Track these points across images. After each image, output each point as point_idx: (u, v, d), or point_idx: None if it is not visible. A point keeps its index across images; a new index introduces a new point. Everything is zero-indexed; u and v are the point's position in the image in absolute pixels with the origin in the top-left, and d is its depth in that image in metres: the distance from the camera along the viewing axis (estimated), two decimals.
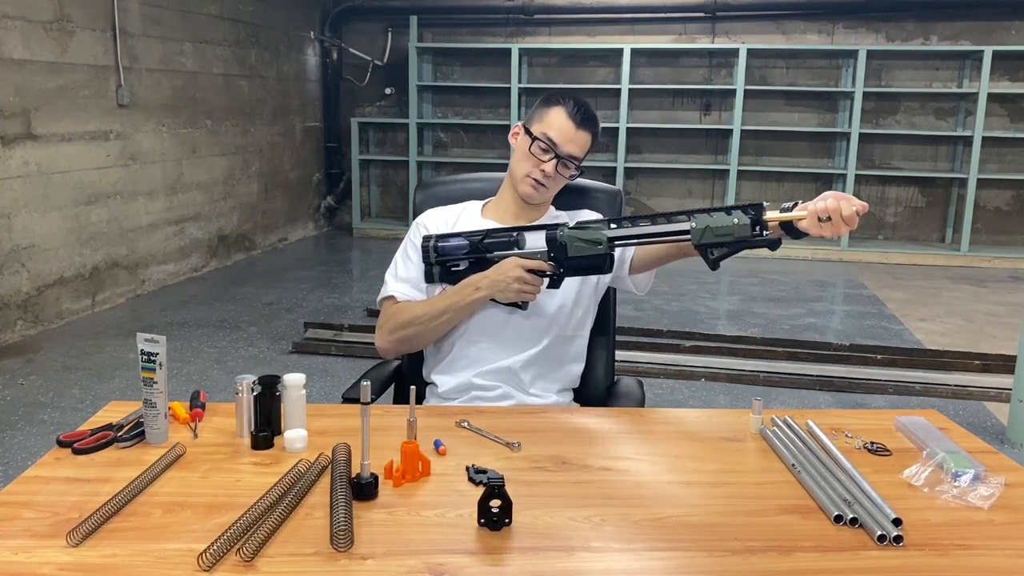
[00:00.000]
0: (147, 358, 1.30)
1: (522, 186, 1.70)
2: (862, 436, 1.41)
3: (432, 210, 1.83)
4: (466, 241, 1.64)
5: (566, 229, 1.54)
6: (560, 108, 1.69)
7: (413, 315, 1.68)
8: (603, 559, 1.03)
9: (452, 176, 2.04)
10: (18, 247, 4.37)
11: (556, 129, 1.67)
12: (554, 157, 1.67)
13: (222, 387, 3.71)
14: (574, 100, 1.70)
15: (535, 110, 1.74)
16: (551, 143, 1.67)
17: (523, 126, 1.73)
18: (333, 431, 1.36)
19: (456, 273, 1.66)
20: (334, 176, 8.18)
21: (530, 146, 1.67)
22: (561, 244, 1.53)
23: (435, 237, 1.67)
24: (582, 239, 1.51)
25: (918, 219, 7.54)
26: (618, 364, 4.04)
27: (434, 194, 1.92)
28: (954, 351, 4.32)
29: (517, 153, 1.72)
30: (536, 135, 1.68)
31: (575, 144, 1.68)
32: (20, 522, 1.07)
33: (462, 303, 1.64)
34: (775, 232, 1.41)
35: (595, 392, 1.86)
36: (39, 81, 4.45)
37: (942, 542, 1.08)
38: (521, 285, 1.57)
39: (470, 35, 7.80)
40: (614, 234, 1.50)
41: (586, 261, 1.52)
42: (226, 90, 6.36)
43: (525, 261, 1.57)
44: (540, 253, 1.57)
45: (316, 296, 5.52)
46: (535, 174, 1.68)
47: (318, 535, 1.06)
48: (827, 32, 7.26)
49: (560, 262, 1.55)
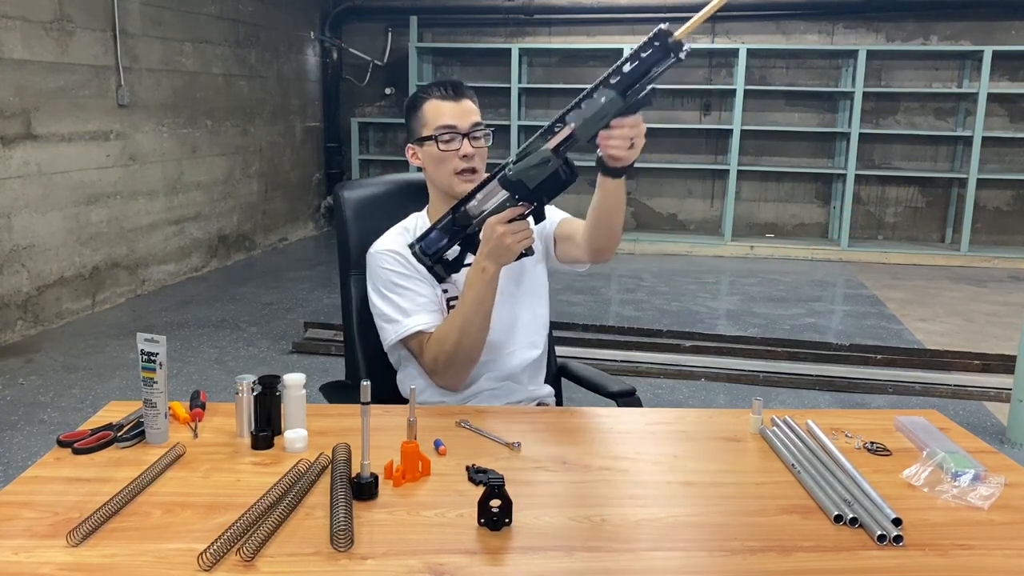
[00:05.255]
0: (147, 358, 1.30)
1: (459, 185, 1.65)
2: (862, 436, 1.41)
3: (381, 240, 1.74)
4: (440, 231, 1.58)
5: (511, 166, 1.47)
6: (429, 100, 1.67)
7: (452, 335, 1.61)
8: (603, 559, 1.03)
9: (377, 177, 2.01)
10: (18, 247, 4.37)
11: (442, 115, 1.65)
12: (462, 137, 1.65)
13: (222, 387, 3.71)
14: (434, 85, 1.69)
15: (410, 122, 1.72)
16: (449, 128, 1.65)
17: (412, 143, 1.72)
18: (333, 431, 1.36)
19: (456, 261, 1.61)
20: (334, 176, 8.18)
21: (437, 146, 1.65)
22: (517, 182, 1.47)
23: (416, 243, 1.60)
24: (531, 166, 1.45)
25: (918, 219, 7.54)
26: (618, 364, 4.09)
27: (361, 195, 1.87)
28: (954, 351, 4.32)
29: (430, 164, 1.69)
30: (431, 134, 1.66)
31: (467, 114, 1.66)
32: (20, 522, 1.07)
33: (481, 288, 1.57)
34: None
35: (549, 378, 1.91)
36: (39, 81, 4.45)
37: (942, 542, 1.08)
38: (512, 239, 1.51)
39: (470, 35, 7.80)
40: (553, 145, 1.43)
41: (550, 183, 1.46)
42: (226, 90, 6.36)
43: (500, 216, 1.51)
44: (506, 199, 1.50)
45: (316, 296, 5.52)
46: (460, 164, 1.65)
47: (318, 535, 1.06)
48: (827, 32, 7.26)
49: (529, 197, 1.49)
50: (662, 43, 1.33)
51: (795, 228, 7.70)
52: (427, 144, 1.67)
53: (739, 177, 7.29)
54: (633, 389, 1.76)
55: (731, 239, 7.32)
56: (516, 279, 1.74)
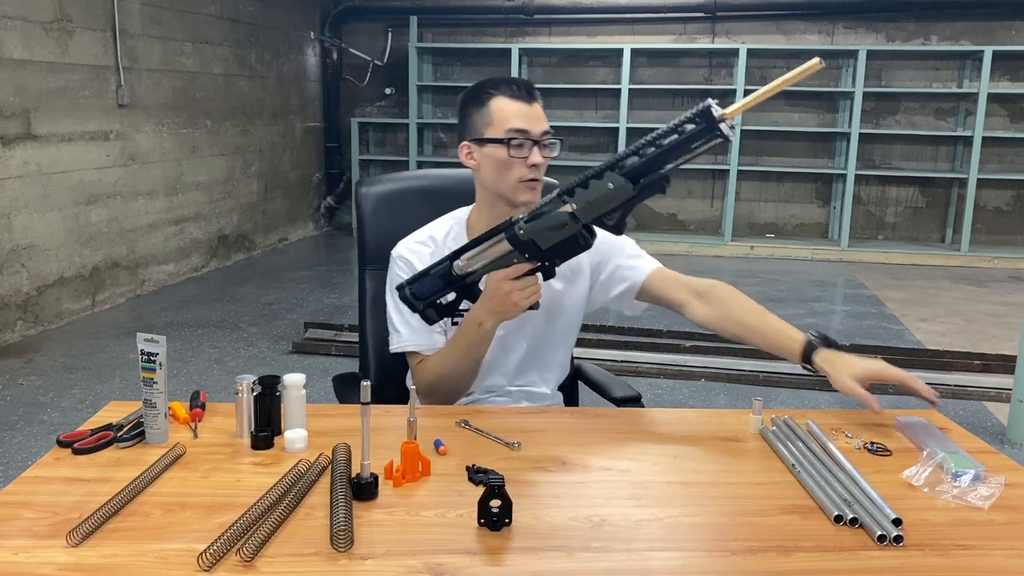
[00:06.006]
0: (147, 358, 1.29)
1: (523, 194, 1.54)
2: (862, 436, 1.41)
3: (408, 241, 1.67)
4: (439, 279, 1.48)
5: (521, 224, 1.36)
6: (500, 97, 1.53)
7: (437, 373, 1.58)
8: (603, 559, 1.03)
9: (398, 173, 1.99)
10: (18, 247, 4.37)
11: (515, 118, 1.52)
12: (533, 144, 1.52)
13: (222, 387, 3.71)
14: (504, 82, 1.55)
15: (470, 118, 1.57)
16: (523, 133, 1.52)
17: (469, 141, 1.57)
18: (333, 431, 1.36)
19: (450, 306, 1.52)
20: (334, 176, 8.18)
21: (508, 150, 1.51)
22: (528, 242, 1.37)
23: (406, 285, 1.51)
24: (547, 227, 1.35)
25: (918, 219, 7.54)
26: (619, 364, 4.09)
27: (380, 191, 1.86)
28: (954, 351, 4.31)
29: (492, 167, 1.55)
30: (501, 137, 1.52)
31: (540, 119, 1.54)
32: (20, 522, 1.07)
33: (475, 341, 1.52)
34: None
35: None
36: (39, 81, 4.45)
37: (942, 542, 1.08)
38: (518, 296, 1.43)
39: (470, 35, 7.80)
40: (572, 209, 1.33)
41: (565, 246, 1.37)
42: (226, 90, 6.36)
43: (506, 272, 1.42)
44: (513, 254, 1.40)
45: (316, 296, 5.52)
46: (528, 173, 1.53)
47: (318, 535, 1.06)
48: (827, 32, 7.26)
49: (539, 257, 1.39)
50: (707, 119, 1.19)
51: (795, 228, 7.70)
52: (491, 146, 1.53)
53: (739, 177, 7.30)
54: (638, 395, 1.72)
55: (731, 239, 7.32)
56: (551, 315, 1.63)
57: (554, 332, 1.69)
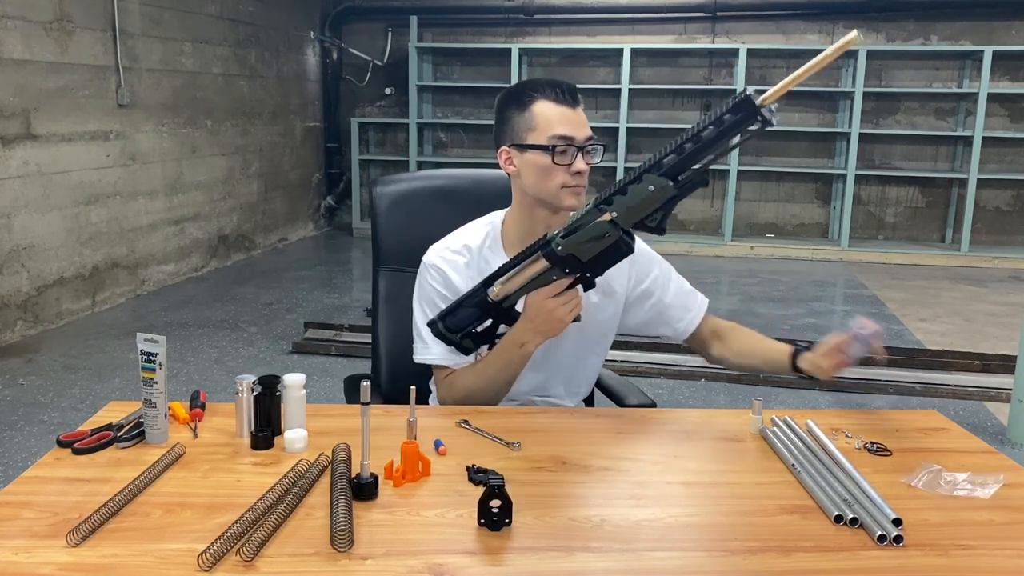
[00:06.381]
0: (147, 358, 1.29)
1: (567, 199, 1.48)
2: (862, 436, 1.41)
3: (440, 249, 1.61)
4: (473, 308, 1.47)
5: (559, 240, 1.35)
6: (543, 101, 1.49)
7: (467, 390, 1.55)
8: (603, 559, 1.03)
9: (414, 172, 1.98)
10: (18, 247, 4.37)
11: (559, 123, 1.47)
12: (577, 151, 1.47)
13: (222, 387, 3.71)
14: (547, 85, 1.50)
15: (511, 121, 1.51)
16: (567, 139, 1.47)
17: (509, 146, 1.52)
18: (333, 431, 1.36)
19: (488, 331, 1.51)
20: (334, 176, 8.18)
21: (552, 158, 1.46)
22: (568, 257, 1.35)
23: (438, 320, 1.50)
24: (585, 240, 1.33)
25: (918, 219, 7.54)
26: (619, 364, 4.08)
27: (395, 191, 1.85)
28: (954, 351, 4.31)
29: (532, 173, 1.49)
30: (545, 143, 1.47)
31: (583, 125, 1.49)
32: (20, 522, 1.07)
33: (515, 361, 1.50)
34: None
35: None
36: (39, 81, 4.45)
37: (942, 542, 1.08)
38: (562, 312, 1.41)
39: (470, 35, 7.80)
40: (611, 217, 1.32)
41: (607, 254, 1.35)
42: (226, 90, 6.36)
43: (547, 291, 1.40)
44: (552, 271, 1.38)
45: (316, 296, 5.52)
46: (571, 180, 1.47)
47: (318, 535, 1.06)
48: (827, 32, 7.26)
49: (580, 269, 1.38)
50: (747, 106, 1.19)
51: (795, 228, 7.70)
52: (533, 152, 1.48)
53: (739, 177, 7.29)
54: (653, 402, 1.70)
55: (731, 239, 7.32)
56: (583, 329, 1.57)
57: (585, 346, 1.67)
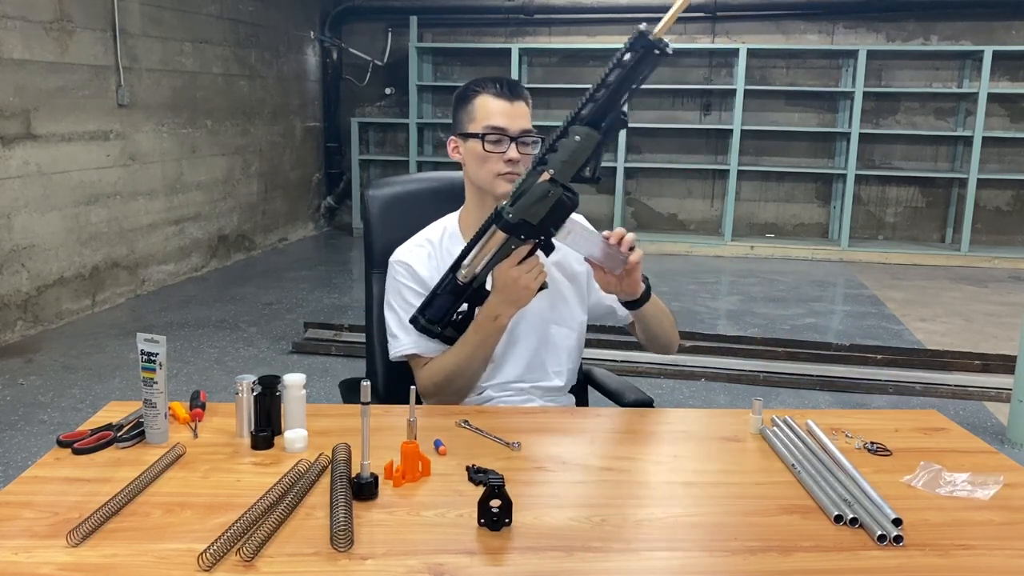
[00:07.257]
0: (147, 358, 1.30)
1: (499, 187, 1.58)
2: (862, 436, 1.41)
3: (404, 246, 1.71)
4: (448, 295, 1.53)
5: (508, 208, 1.41)
6: (484, 95, 1.60)
7: (447, 371, 1.60)
8: (603, 559, 1.03)
9: (405, 176, 2.00)
10: (18, 247, 4.37)
11: (494, 115, 1.58)
12: (510, 141, 1.57)
13: (222, 387, 3.71)
14: (490, 81, 1.61)
15: (458, 113, 1.64)
16: (499, 130, 1.57)
17: (456, 136, 1.64)
18: (333, 431, 1.36)
19: (465, 319, 1.57)
20: (334, 176, 8.18)
21: (482, 146, 1.58)
22: (519, 223, 1.42)
23: (418, 314, 1.57)
24: (532, 203, 1.40)
25: (918, 219, 7.54)
26: (619, 364, 4.08)
27: (386, 194, 1.86)
28: (954, 351, 4.31)
29: (471, 161, 1.62)
30: (479, 132, 1.58)
31: (520, 118, 1.59)
32: (20, 522, 1.07)
33: (491, 334, 1.56)
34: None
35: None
36: (39, 81, 4.45)
37: (942, 542, 1.08)
38: (527, 279, 1.48)
39: (470, 35, 7.80)
40: (550, 176, 1.39)
41: (555, 212, 1.41)
42: (226, 90, 6.36)
43: (509, 260, 1.47)
44: (511, 240, 1.45)
45: (316, 296, 5.52)
46: (503, 168, 1.58)
47: (318, 535, 1.06)
48: (827, 32, 7.26)
49: (534, 234, 1.44)
50: (644, 42, 1.33)
51: (795, 228, 7.70)
52: (471, 141, 1.60)
53: (739, 177, 7.29)
54: (650, 400, 1.72)
55: (731, 239, 7.32)
56: (552, 300, 1.68)
57: (558, 317, 1.71)
